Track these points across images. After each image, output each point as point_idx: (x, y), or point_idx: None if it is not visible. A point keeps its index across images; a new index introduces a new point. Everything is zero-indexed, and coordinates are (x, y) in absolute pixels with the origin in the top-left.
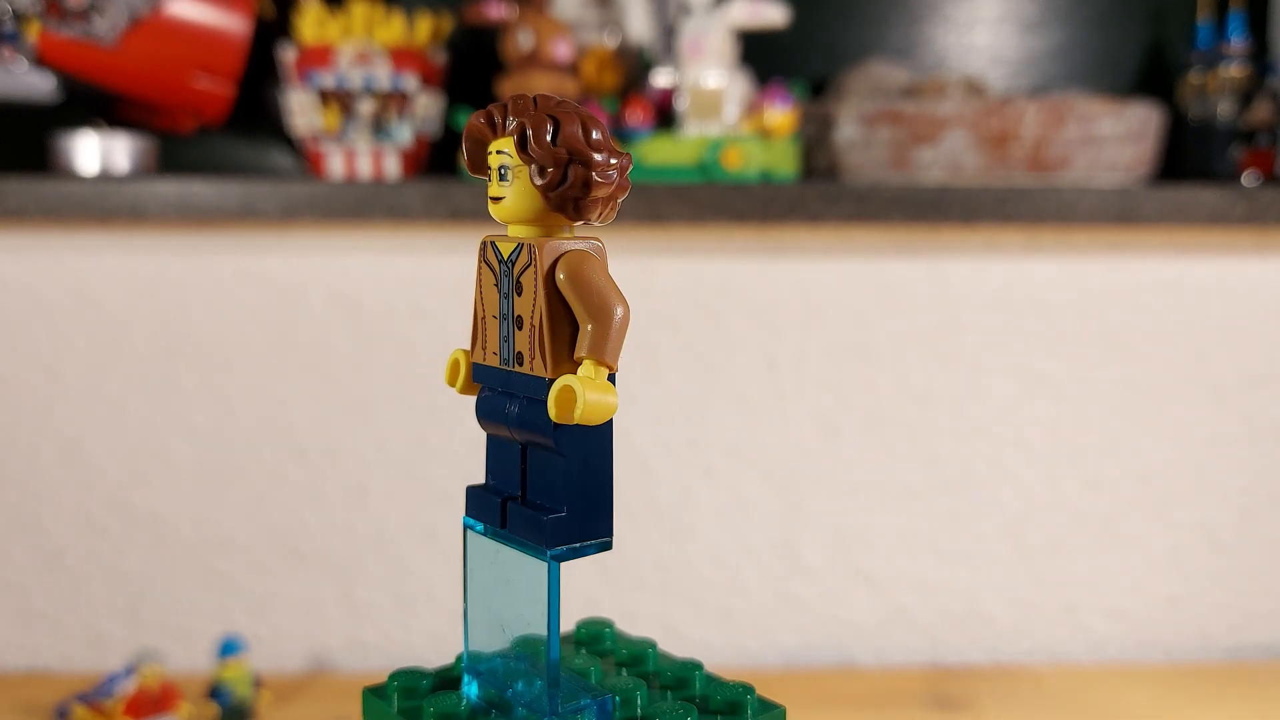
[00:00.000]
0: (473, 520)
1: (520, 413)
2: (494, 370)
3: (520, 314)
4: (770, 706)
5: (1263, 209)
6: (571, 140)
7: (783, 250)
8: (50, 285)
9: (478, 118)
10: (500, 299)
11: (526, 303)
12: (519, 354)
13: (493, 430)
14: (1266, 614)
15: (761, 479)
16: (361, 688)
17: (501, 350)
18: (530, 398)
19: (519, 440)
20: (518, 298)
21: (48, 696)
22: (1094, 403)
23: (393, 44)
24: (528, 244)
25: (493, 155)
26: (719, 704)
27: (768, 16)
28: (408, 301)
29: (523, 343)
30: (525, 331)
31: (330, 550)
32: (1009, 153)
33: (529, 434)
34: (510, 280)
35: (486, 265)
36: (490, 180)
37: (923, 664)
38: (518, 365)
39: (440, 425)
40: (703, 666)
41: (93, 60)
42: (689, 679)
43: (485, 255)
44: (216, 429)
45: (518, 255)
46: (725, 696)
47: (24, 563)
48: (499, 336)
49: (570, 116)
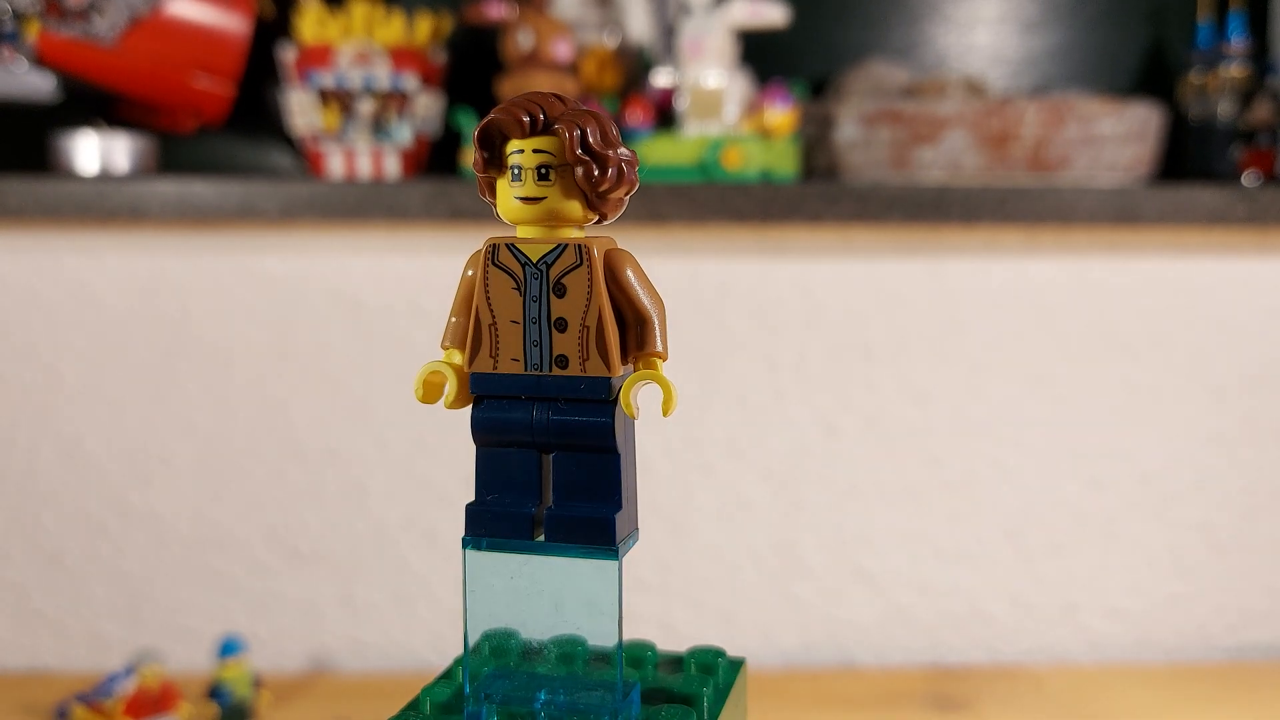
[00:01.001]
0: (482, 539)
1: (558, 416)
2: (514, 377)
3: (563, 316)
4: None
5: (1263, 209)
6: (616, 141)
7: (783, 250)
8: (50, 285)
9: (507, 115)
10: (528, 302)
11: (573, 304)
12: (561, 357)
13: (503, 441)
14: (1266, 614)
15: (761, 479)
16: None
17: (529, 355)
18: (577, 399)
19: (541, 446)
20: (557, 299)
21: (48, 696)
22: (1094, 403)
23: (393, 44)
24: (574, 244)
25: (525, 154)
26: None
27: (768, 16)
28: (408, 301)
29: (567, 345)
30: (572, 333)
31: (330, 550)
32: (1009, 153)
33: (570, 437)
34: (542, 283)
35: (499, 269)
36: (521, 179)
37: (923, 664)
38: (559, 368)
39: (440, 425)
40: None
41: (92, 60)
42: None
43: (497, 258)
44: (216, 429)
45: (555, 256)
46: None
47: (24, 563)
48: (524, 341)
49: (605, 117)
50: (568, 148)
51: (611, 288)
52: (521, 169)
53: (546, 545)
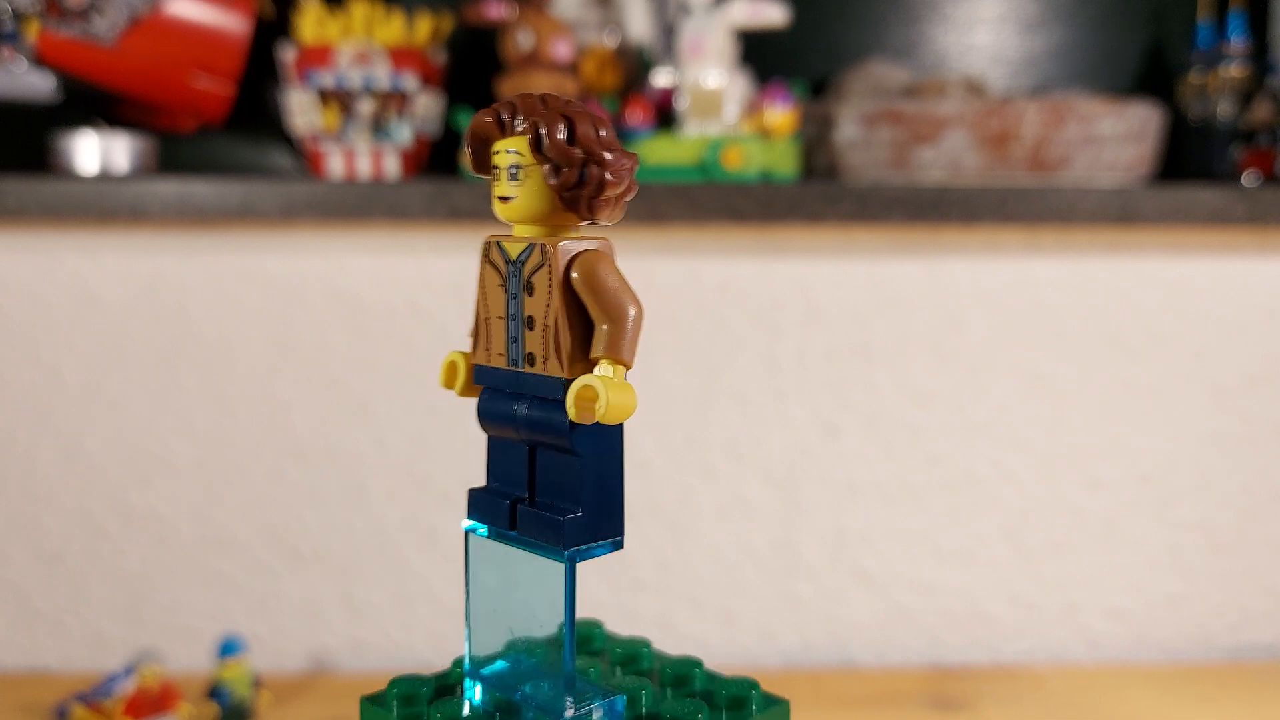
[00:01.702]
0: (476, 523)
1: (531, 413)
2: (500, 371)
3: (532, 314)
4: (774, 701)
5: (1263, 209)
6: (586, 140)
7: (783, 250)
8: (50, 285)
9: (484, 116)
10: (507, 299)
11: (539, 303)
12: (530, 355)
13: (496, 432)
14: (1266, 614)
15: (761, 479)
16: (360, 692)
17: (509, 351)
18: (543, 398)
19: (526, 441)
20: (528, 298)
21: (48, 696)
22: (1094, 403)
23: (392, 44)
24: (539, 244)
25: (500, 155)
26: (723, 699)
27: (768, 16)
28: (408, 301)
29: (534, 343)
30: (538, 332)
31: (330, 550)
32: (1009, 153)
33: (540, 435)
34: (519, 281)
35: (491, 266)
36: (498, 180)
37: (923, 664)
38: (529, 366)
39: (440, 425)
40: (702, 663)
41: (92, 60)
42: (689, 676)
43: (490, 256)
44: (216, 429)
45: (528, 255)
46: (729, 692)
47: (24, 563)
48: (505, 337)
49: (582, 116)
50: (530, 148)
51: (578, 289)
52: (499, 169)
53: (516, 537)
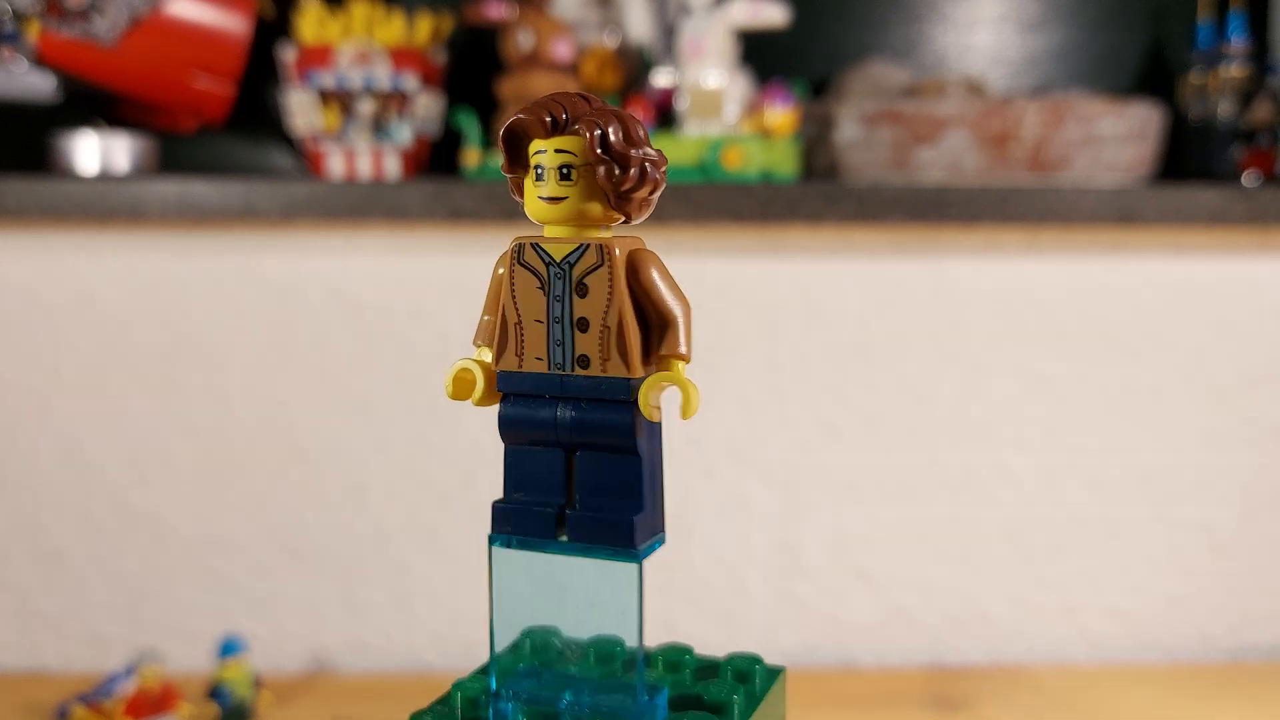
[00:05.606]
0: (509, 536)
1: (582, 416)
2: (538, 376)
3: (585, 316)
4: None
5: (1263, 209)
6: (640, 140)
7: (783, 250)
8: (50, 285)
9: (530, 114)
10: (550, 301)
11: (595, 304)
12: (583, 357)
13: (529, 439)
14: (1266, 614)
15: (761, 479)
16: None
17: (552, 354)
18: (598, 400)
19: (568, 445)
20: (579, 299)
21: (48, 696)
22: (1094, 403)
23: (393, 44)
24: (596, 244)
25: (548, 154)
26: (730, 673)
27: (768, 16)
28: (408, 301)
29: (589, 345)
30: (593, 334)
31: (330, 550)
32: (1009, 153)
33: (593, 437)
34: (566, 283)
35: (524, 268)
36: (542, 180)
37: (923, 664)
38: (581, 368)
39: (440, 425)
40: (692, 649)
41: (92, 60)
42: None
43: (523, 258)
44: (216, 429)
45: (578, 256)
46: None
47: (24, 563)
48: (547, 340)
49: (630, 117)
50: (589, 147)
51: (634, 288)
52: (544, 169)
53: (569, 545)
